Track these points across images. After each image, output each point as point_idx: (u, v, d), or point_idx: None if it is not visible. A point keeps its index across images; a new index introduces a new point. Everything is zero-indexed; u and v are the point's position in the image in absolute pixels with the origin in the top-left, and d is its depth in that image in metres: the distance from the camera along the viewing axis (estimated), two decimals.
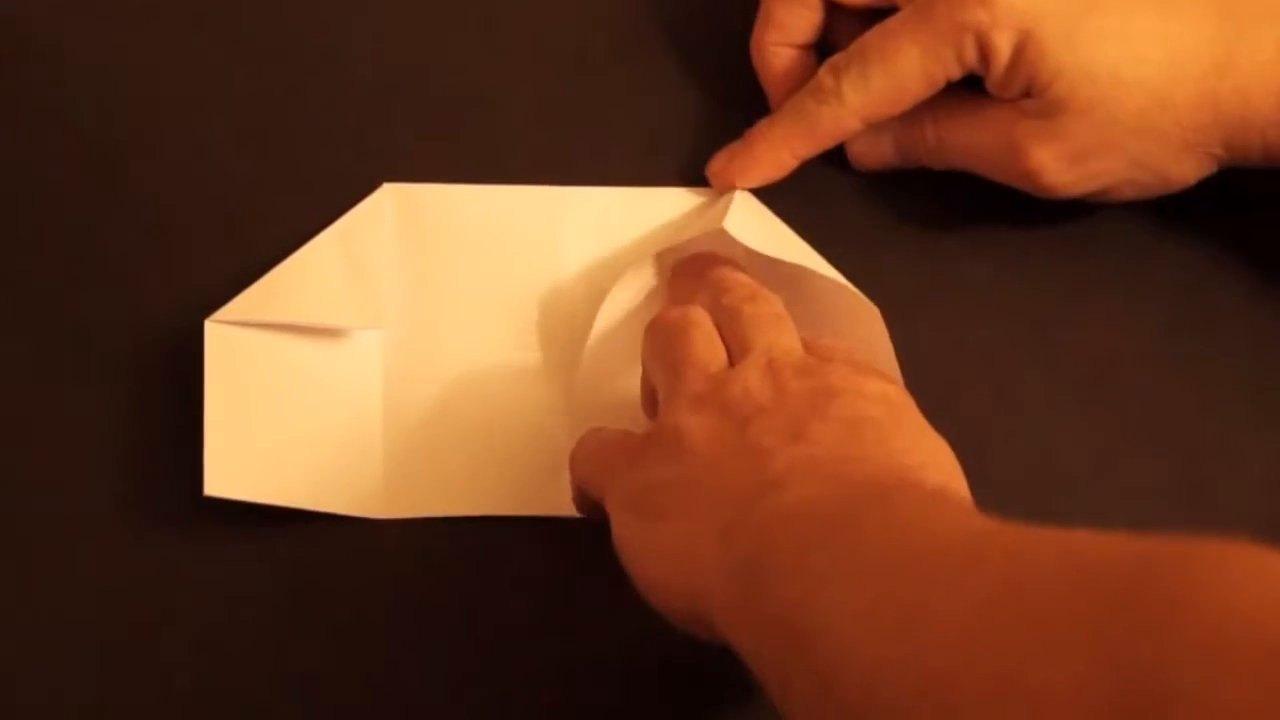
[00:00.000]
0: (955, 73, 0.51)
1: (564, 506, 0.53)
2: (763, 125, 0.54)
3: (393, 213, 0.55)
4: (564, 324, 0.54)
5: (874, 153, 0.55)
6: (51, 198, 0.55)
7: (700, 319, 0.49)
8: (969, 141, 0.53)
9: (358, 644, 0.52)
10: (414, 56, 0.56)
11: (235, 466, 0.51)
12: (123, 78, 0.56)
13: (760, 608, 0.40)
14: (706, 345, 0.48)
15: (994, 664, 0.33)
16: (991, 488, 0.52)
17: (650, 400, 0.51)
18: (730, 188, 0.55)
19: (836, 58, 0.52)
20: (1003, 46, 0.49)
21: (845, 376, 0.46)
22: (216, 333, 0.52)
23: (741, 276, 0.51)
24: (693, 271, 0.53)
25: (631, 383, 0.53)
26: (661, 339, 0.49)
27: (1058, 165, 0.51)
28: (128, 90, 0.56)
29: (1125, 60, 0.49)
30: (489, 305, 0.54)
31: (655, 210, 0.55)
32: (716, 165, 0.55)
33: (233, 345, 0.52)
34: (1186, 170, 0.52)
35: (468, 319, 0.54)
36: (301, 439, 0.52)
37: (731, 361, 0.48)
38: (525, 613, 0.53)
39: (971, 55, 0.50)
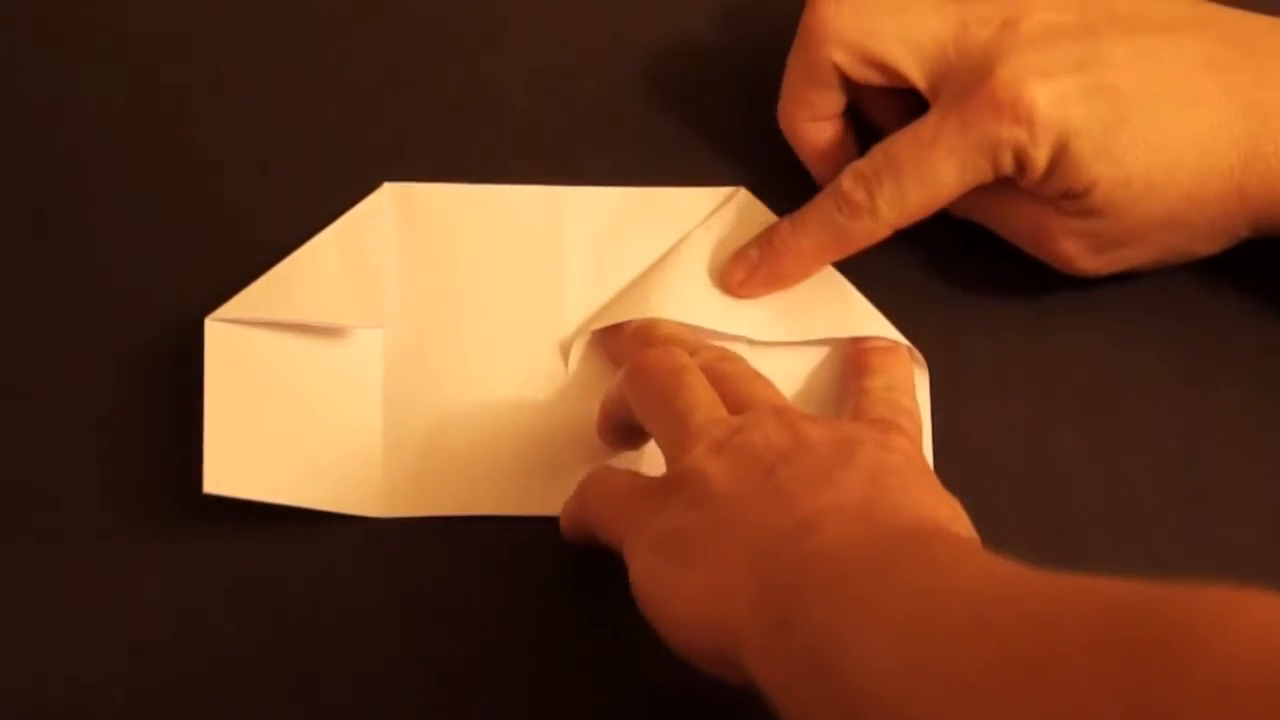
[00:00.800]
0: (990, 180, 0.51)
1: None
2: (787, 235, 0.53)
3: (393, 212, 0.55)
4: (563, 324, 0.54)
5: None
6: (51, 197, 0.55)
7: (688, 362, 0.49)
8: (998, 215, 0.53)
9: (357, 643, 0.52)
10: (414, 56, 0.56)
11: (235, 465, 0.51)
12: (122, 78, 0.56)
13: (790, 641, 0.40)
14: (704, 388, 0.48)
15: (1011, 697, 0.34)
16: (992, 490, 0.52)
17: (613, 428, 0.52)
18: (754, 296, 0.54)
19: (863, 168, 0.52)
20: (1040, 161, 0.50)
21: (864, 430, 0.47)
22: (216, 331, 0.52)
23: (702, 340, 0.52)
24: (654, 336, 0.53)
25: None
26: (652, 383, 0.49)
27: (1086, 254, 0.52)
28: (127, 90, 0.56)
29: (1158, 166, 0.50)
30: (489, 305, 0.54)
31: (655, 210, 0.55)
32: (739, 275, 0.54)
33: (233, 343, 0.52)
34: (1210, 249, 0.53)
35: (468, 318, 0.54)
36: (301, 437, 0.52)
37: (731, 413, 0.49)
38: (525, 613, 0.53)
39: (1009, 168, 0.50)
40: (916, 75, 0.51)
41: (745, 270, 0.54)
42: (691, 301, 0.54)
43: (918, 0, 0.52)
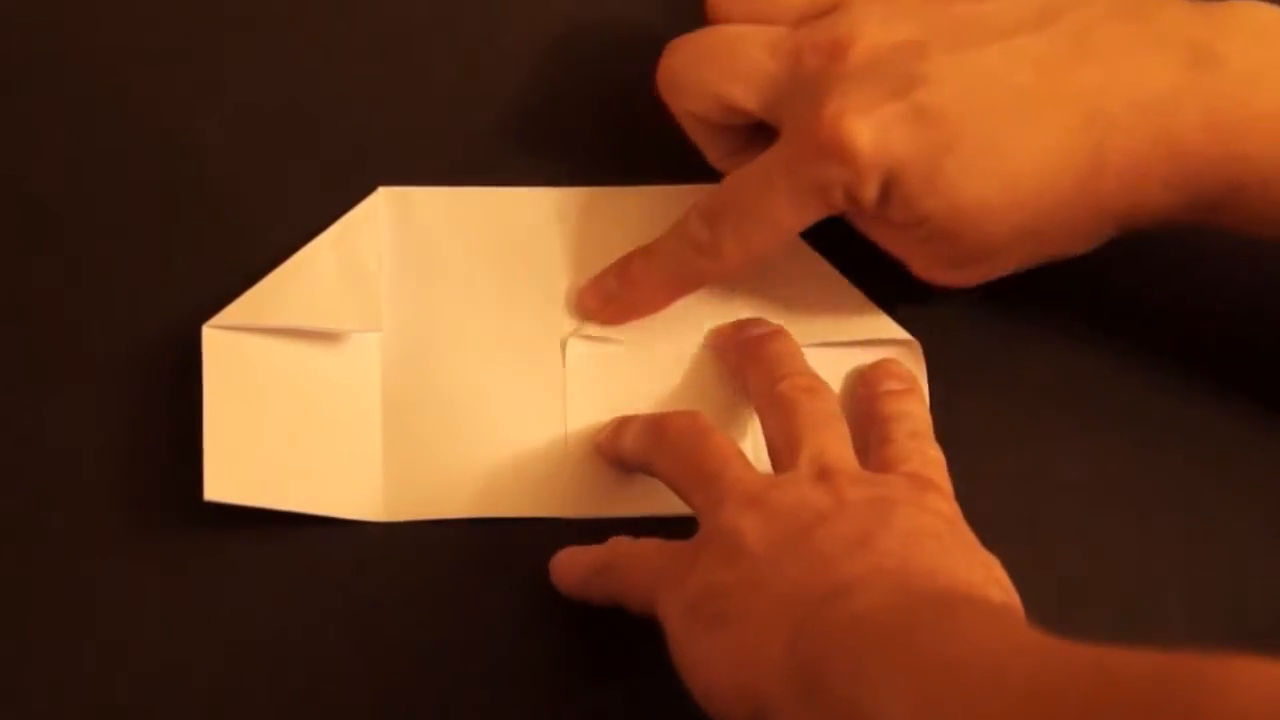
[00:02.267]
0: (829, 214, 0.50)
1: (563, 507, 0.53)
2: (638, 268, 0.53)
3: (389, 215, 0.55)
4: (562, 326, 0.54)
5: None
6: (49, 200, 0.55)
7: (711, 424, 0.50)
8: (865, 231, 0.52)
9: (358, 648, 0.52)
10: (413, 56, 0.56)
11: (235, 471, 0.51)
12: (121, 78, 0.56)
13: (817, 711, 0.41)
14: (731, 446, 0.49)
15: None
16: (992, 491, 0.53)
17: (617, 462, 0.52)
18: (612, 324, 0.54)
19: (706, 206, 0.52)
20: (869, 195, 0.48)
21: (902, 489, 0.47)
22: (214, 338, 0.52)
23: (801, 362, 0.52)
24: (746, 343, 0.53)
25: (624, 389, 0.54)
26: (677, 447, 0.49)
27: (946, 273, 0.51)
28: (125, 91, 0.56)
29: (992, 191, 0.48)
30: (487, 307, 0.54)
31: (655, 210, 0.55)
32: (593, 303, 0.54)
33: (231, 350, 0.52)
34: (1079, 248, 0.51)
35: (466, 321, 0.54)
36: (300, 443, 0.52)
37: (775, 454, 0.49)
38: (525, 614, 0.52)
39: (841, 204, 0.49)
40: (761, 111, 0.51)
41: (600, 299, 0.54)
42: (689, 302, 0.54)
43: (754, 36, 0.51)
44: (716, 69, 0.51)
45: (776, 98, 0.50)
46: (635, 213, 0.55)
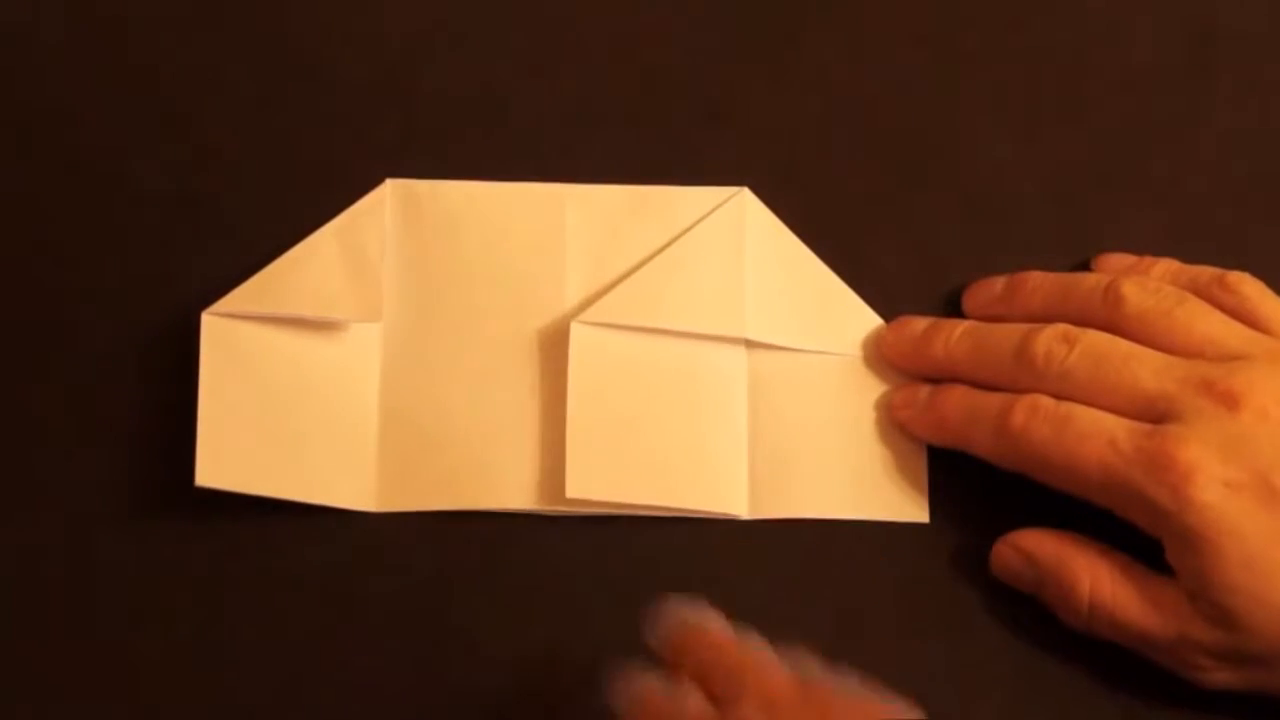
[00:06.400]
0: (1109, 508, 0.49)
1: (560, 503, 0.53)
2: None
3: (394, 208, 0.55)
4: (563, 321, 0.54)
5: (1011, 569, 0.52)
6: (51, 195, 0.55)
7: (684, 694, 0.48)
8: (1131, 620, 0.50)
9: (352, 639, 0.52)
10: (416, 53, 0.57)
11: (228, 458, 0.51)
12: (123, 76, 0.56)
13: None
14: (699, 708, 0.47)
15: None
16: (992, 490, 0.52)
17: None
18: None
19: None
20: (1172, 531, 0.47)
21: (848, 700, 0.45)
22: (213, 325, 0.52)
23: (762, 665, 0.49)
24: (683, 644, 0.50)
25: (625, 397, 0.54)
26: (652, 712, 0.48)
27: (1222, 674, 0.49)
28: (128, 88, 0.56)
29: None
30: (488, 302, 0.54)
31: (656, 209, 0.55)
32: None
33: (229, 337, 0.52)
34: None
35: (466, 315, 0.54)
36: (297, 432, 0.52)
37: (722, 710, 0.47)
38: (522, 610, 0.52)
39: (1139, 518, 0.48)
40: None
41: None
42: (688, 301, 0.54)
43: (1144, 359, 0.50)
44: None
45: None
46: (640, 212, 0.55)
